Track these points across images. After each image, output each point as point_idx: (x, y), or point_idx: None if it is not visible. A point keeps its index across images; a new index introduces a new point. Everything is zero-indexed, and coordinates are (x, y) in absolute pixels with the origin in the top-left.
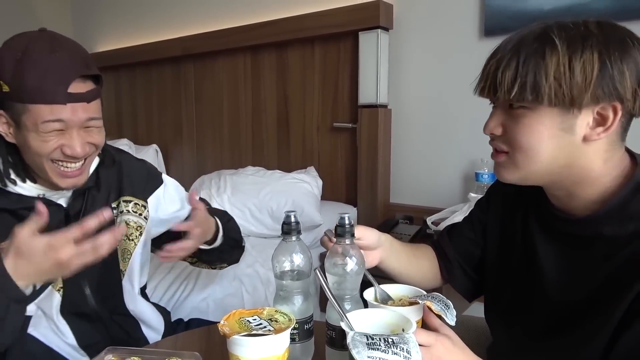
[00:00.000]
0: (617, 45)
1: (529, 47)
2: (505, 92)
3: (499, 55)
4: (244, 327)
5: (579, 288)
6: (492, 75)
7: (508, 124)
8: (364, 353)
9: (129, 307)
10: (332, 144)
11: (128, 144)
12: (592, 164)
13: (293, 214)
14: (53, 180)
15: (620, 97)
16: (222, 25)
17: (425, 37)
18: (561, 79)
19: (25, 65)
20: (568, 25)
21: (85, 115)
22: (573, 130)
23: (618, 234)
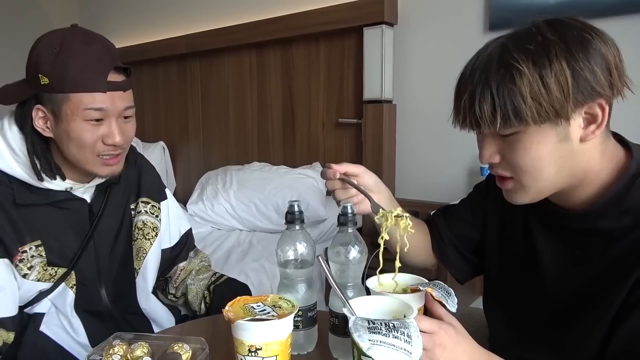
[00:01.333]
0: (579, 45)
1: (497, 74)
2: (489, 124)
3: (469, 88)
4: (248, 313)
5: (577, 281)
6: (469, 110)
7: (504, 150)
8: (365, 337)
9: (141, 306)
10: (338, 139)
11: (135, 142)
12: (592, 162)
13: (297, 204)
14: (93, 170)
15: (600, 94)
16: (228, 23)
17: (430, 31)
18: (539, 98)
19: (64, 57)
20: (523, 40)
21: (122, 104)
22: (569, 138)
23: (614, 227)
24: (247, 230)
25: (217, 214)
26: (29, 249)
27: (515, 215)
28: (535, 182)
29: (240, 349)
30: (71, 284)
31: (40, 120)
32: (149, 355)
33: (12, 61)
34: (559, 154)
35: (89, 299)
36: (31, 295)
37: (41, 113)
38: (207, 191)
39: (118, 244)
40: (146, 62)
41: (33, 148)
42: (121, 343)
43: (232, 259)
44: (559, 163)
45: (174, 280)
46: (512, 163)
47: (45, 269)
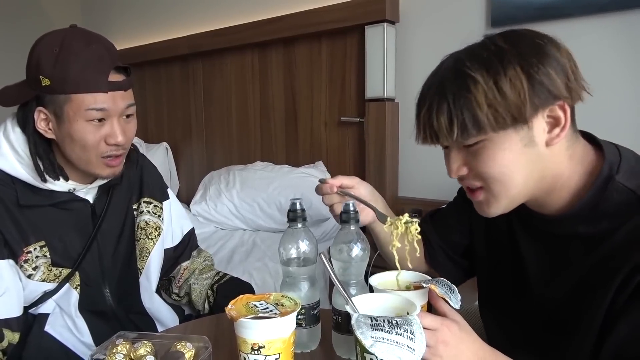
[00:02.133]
0: (532, 51)
1: (452, 86)
2: (447, 136)
3: (427, 103)
4: (250, 311)
5: (561, 287)
6: (428, 124)
7: (470, 161)
8: (367, 333)
9: (145, 305)
10: (340, 138)
11: (139, 143)
12: (561, 165)
13: (298, 202)
14: (95, 171)
15: (558, 96)
16: (229, 23)
17: (432, 29)
18: (495, 104)
19: (65, 58)
20: (477, 51)
21: (123, 103)
22: (534, 142)
23: (592, 232)
24: (250, 229)
25: (220, 214)
26: (34, 249)
27: (499, 219)
28: (506, 190)
29: (243, 347)
30: (75, 285)
31: (42, 122)
32: (152, 354)
33: (13, 62)
34: (525, 159)
35: (93, 299)
36: (36, 296)
37: (43, 115)
38: (210, 191)
39: (121, 244)
40: (148, 63)
41: (36, 149)
42: (124, 342)
43: (236, 258)
44: (527, 168)
45: (177, 280)
46: (481, 173)
47: (49, 270)
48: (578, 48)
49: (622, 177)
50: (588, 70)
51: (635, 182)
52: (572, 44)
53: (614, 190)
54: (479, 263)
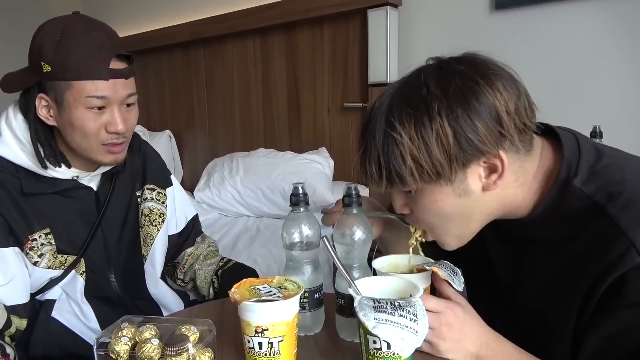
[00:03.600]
0: (462, 100)
1: (382, 135)
2: (377, 184)
3: (363, 146)
4: (254, 294)
5: (530, 292)
6: (362, 168)
7: (410, 204)
8: (370, 315)
9: (151, 291)
10: (343, 124)
11: (142, 131)
12: (510, 197)
13: (300, 186)
14: (97, 158)
15: (484, 152)
16: (230, 9)
17: (435, 12)
18: (420, 160)
19: (67, 44)
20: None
21: (124, 92)
22: (469, 191)
23: (554, 238)
24: (254, 216)
25: (224, 201)
26: (39, 237)
27: None
28: (448, 231)
29: (247, 330)
30: (81, 271)
31: (43, 108)
32: (157, 337)
33: (16, 50)
34: (462, 208)
35: (99, 286)
36: (42, 283)
37: (44, 102)
38: (214, 178)
39: (125, 231)
40: (150, 50)
41: (37, 135)
42: (130, 326)
43: (240, 245)
44: (465, 215)
45: (182, 266)
46: (419, 219)
47: (55, 257)
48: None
49: (579, 180)
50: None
51: (592, 186)
52: (572, 27)
53: (572, 195)
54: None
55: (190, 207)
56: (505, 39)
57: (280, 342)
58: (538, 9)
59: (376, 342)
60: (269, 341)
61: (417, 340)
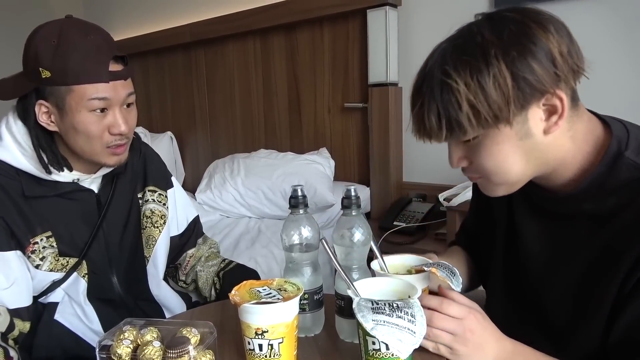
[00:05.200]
0: (517, 43)
1: (438, 86)
2: (438, 135)
3: (419, 100)
4: (254, 296)
5: (567, 269)
6: (421, 123)
7: (469, 154)
8: (369, 317)
9: (153, 292)
10: (344, 124)
11: (143, 132)
12: (563, 149)
13: (300, 188)
14: (101, 160)
15: (545, 91)
16: (231, 10)
17: (434, 11)
18: (479, 106)
19: (64, 49)
20: (462, 45)
21: (124, 92)
22: (531, 134)
23: (599, 210)
24: (255, 217)
25: (225, 202)
26: (40, 240)
27: (500, 200)
28: (504, 179)
29: (247, 332)
30: (83, 273)
31: (43, 115)
32: (158, 339)
33: (17, 55)
34: (523, 151)
35: (102, 288)
36: (44, 285)
37: (44, 108)
38: (215, 179)
39: (127, 232)
40: (151, 52)
41: (38, 142)
42: (131, 328)
43: (241, 245)
44: (524, 159)
45: (183, 267)
46: (479, 166)
47: (57, 259)
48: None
49: (631, 153)
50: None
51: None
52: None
53: (623, 166)
54: (483, 246)
55: (191, 208)
56: None
57: (280, 343)
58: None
59: (375, 343)
60: (269, 343)
61: (415, 342)
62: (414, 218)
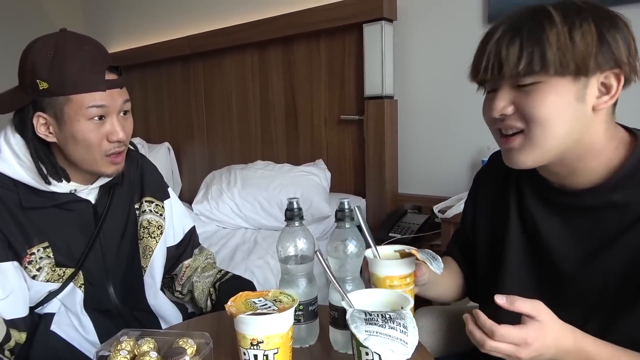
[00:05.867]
0: (607, 17)
1: (528, 22)
2: (513, 67)
3: (497, 36)
4: (249, 307)
5: (603, 257)
6: (495, 53)
7: (520, 100)
8: (362, 328)
9: (150, 302)
10: (340, 136)
11: (141, 143)
12: (597, 134)
13: (295, 201)
14: (100, 169)
15: (619, 63)
16: (229, 23)
17: (429, 26)
18: (564, 49)
19: (61, 60)
20: (561, 3)
21: (121, 99)
22: (585, 100)
23: (631, 200)
24: (252, 228)
25: (222, 213)
26: (37, 250)
27: (506, 202)
28: (545, 137)
29: (242, 343)
30: (79, 284)
31: (42, 126)
32: (155, 350)
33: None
34: (572, 113)
35: (98, 298)
36: (41, 296)
37: (42, 120)
38: (212, 190)
39: (124, 243)
40: (150, 64)
41: (37, 154)
42: (128, 339)
43: (238, 256)
44: (570, 122)
45: (179, 278)
46: (527, 113)
47: (53, 270)
48: None
49: None
50: None
51: None
52: None
53: None
54: (482, 259)
55: (188, 219)
56: None
57: (275, 354)
58: None
59: (368, 353)
60: (264, 353)
61: (407, 352)
62: (409, 229)
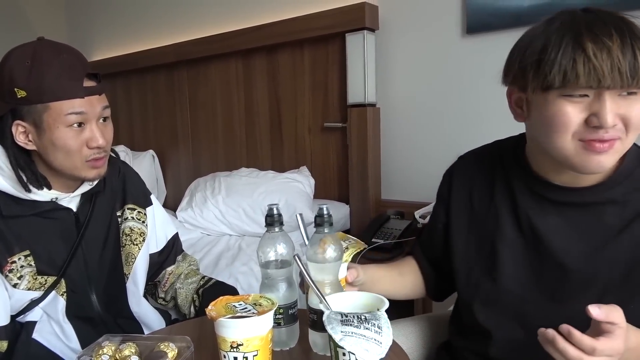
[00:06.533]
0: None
1: (631, 34)
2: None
3: (614, 42)
4: (230, 311)
5: (607, 249)
6: (627, 63)
7: (625, 110)
8: (337, 328)
9: (133, 310)
10: (324, 143)
11: (125, 150)
12: None
13: (275, 207)
14: (81, 174)
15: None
16: (214, 31)
17: (410, 36)
18: None
19: (39, 69)
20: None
21: (100, 106)
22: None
23: (630, 197)
24: (236, 235)
25: (206, 220)
26: (18, 259)
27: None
28: (630, 143)
29: (222, 346)
30: (62, 292)
31: (21, 135)
32: (137, 354)
33: None
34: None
35: (80, 306)
36: (22, 304)
37: (21, 128)
38: (196, 198)
39: (106, 250)
40: (134, 71)
41: (17, 162)
42: (110, 344)
43: (222, 263)
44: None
45: (162, 285)
46: (630, 122)
47: (35, 278)
48: None
49: None
50: None
51: None
52: None
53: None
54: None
55: (171, 225)
56: (476, 61)
57: (255, 356)
58: (506, 34)
59: (345, 354)
60: (244, 356)
61: (380, 351)
62: (391, 235)
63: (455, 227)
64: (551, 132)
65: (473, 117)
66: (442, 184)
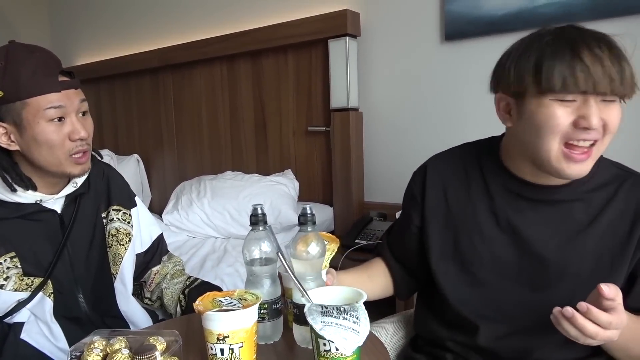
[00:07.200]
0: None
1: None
2: (630, 87)
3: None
4: (216, 305)
5: (578, 240)
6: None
7: (605, 114)
8: (318, 319)
9: (122, 309)
10: (308, 147)
11: (109, 155)
12: None
13: (259, 207)
14: (66, 170)
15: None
16: (199, 36)
17: (391, 42)
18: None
19: (14, 68)
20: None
21: (77, 99)
22: None
23: (592, 195)
24: (221, 237)
25: (192, 223)
26: (4, 260)
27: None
28: (605, 146)
29: (209, 338)
30: (49, 293)
31: (2, 136)
32: (127, 348)
33: None
34: None
35: (68, 306)
36: (10, 306)
37: (2, 129)
38: (182, 201)
39: (92, 251)
40: (118, 76)
41: (0, 164)
42: (101, 339)
43: (208, 265)
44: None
45: (148, 285)
46: (608, 125)
47: (21, 279)
48: None
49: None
50: None
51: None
52: None
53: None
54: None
55: (155, 226)
56: (454, 67)
57: (241, 347)
58: (484, 41)
59: (325, 344)
60: (229, 347)
61: (358, 340)
62: (374, 236)
63: (431, 227)
64: (541, 134)
65: (451, 120)
66: (414, 183)
